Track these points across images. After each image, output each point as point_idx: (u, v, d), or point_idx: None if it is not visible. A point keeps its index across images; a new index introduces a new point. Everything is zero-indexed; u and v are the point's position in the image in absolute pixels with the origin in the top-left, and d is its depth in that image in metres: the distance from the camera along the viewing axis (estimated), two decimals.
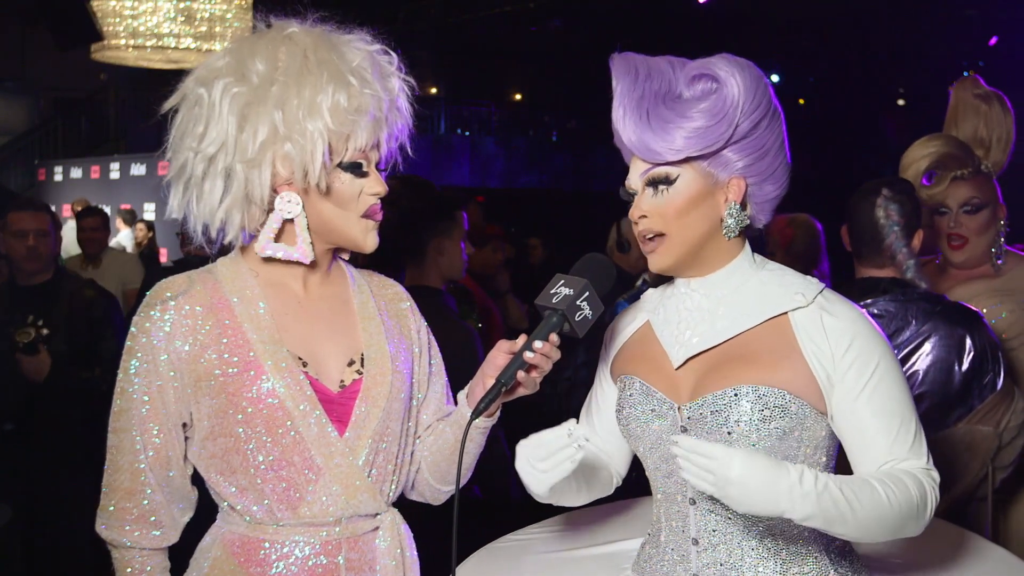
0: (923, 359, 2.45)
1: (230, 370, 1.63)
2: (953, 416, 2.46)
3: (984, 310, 2.84)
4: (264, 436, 1.63)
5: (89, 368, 3.78)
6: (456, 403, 1.82)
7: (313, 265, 1.73)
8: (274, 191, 1.64)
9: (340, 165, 1.65)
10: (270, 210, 1.66)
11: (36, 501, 3.92)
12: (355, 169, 1.66)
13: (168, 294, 1.66)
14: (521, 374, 1.62)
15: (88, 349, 3.83)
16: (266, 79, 1.61)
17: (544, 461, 1.58)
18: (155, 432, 1.66)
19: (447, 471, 1.82)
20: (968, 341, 2.45)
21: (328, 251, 1.74)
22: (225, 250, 1.74)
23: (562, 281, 1.60)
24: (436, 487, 1.85)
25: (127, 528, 1.68)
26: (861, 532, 1.52)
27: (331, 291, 1.78)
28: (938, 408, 2.45)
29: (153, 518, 1.68)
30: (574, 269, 1.65)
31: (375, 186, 1.69)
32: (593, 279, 1.61)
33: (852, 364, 1.59)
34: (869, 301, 2.49)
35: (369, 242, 1.71)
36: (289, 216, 1.65)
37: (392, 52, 1.73)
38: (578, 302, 1.57)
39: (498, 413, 1.77)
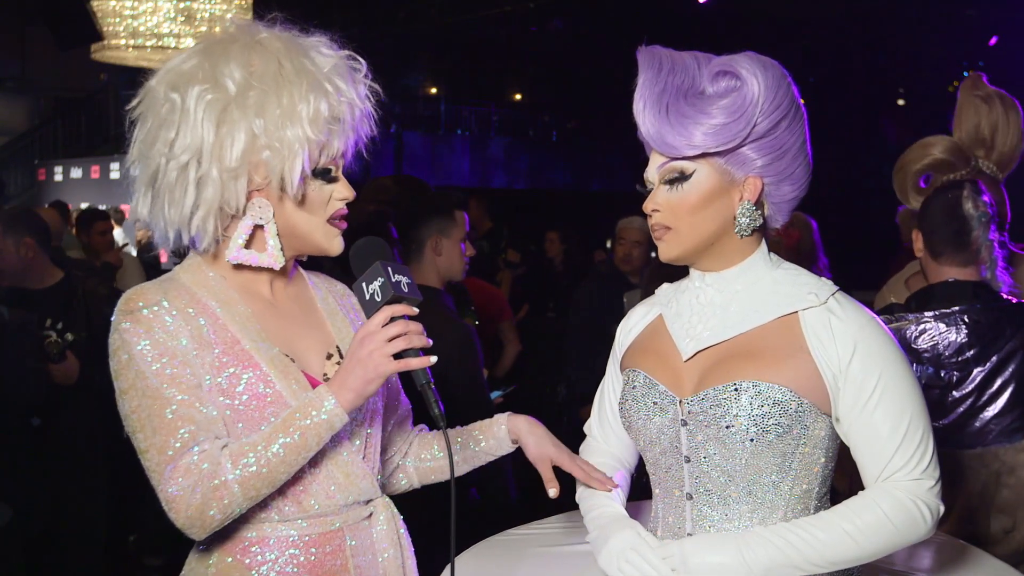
0: (1019, 364, 2.43)
1: (225, 371, 1.63)
2: None
3: None
4: None
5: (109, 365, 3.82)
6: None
7: (281, 270, 1.74)
8: (246, 197, 1.64)
9: (313, 172, 1.66)
10: (237, 215, 1.66)
11: (51, 499, 3.94)
12: (325, 175, 1.68)
13: (140, 303, 1.62)
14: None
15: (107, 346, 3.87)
16: (243, 86, 1.61)
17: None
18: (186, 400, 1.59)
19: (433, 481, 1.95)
20: None
21: (293, 256, 1.76)
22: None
23: (364, 284, 1.62)
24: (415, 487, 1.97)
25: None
26: (831, 565, 1.57)
27: (296, 292, 1.81)
28: None
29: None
30: (357, 267, 1.65)
31: (344, 191, 1.71)
32: (377, 257, 1.63)
33: (857, 371, 1.59)
34: (958, 308, 2.45)
35: (335, 246, 1.73)
36: (261, 223, 1.66)
37: (359, 57, 1.73)
38: (392, 280, 1.59)
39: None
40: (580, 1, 14.50)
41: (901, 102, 16.15)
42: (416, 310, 1.61)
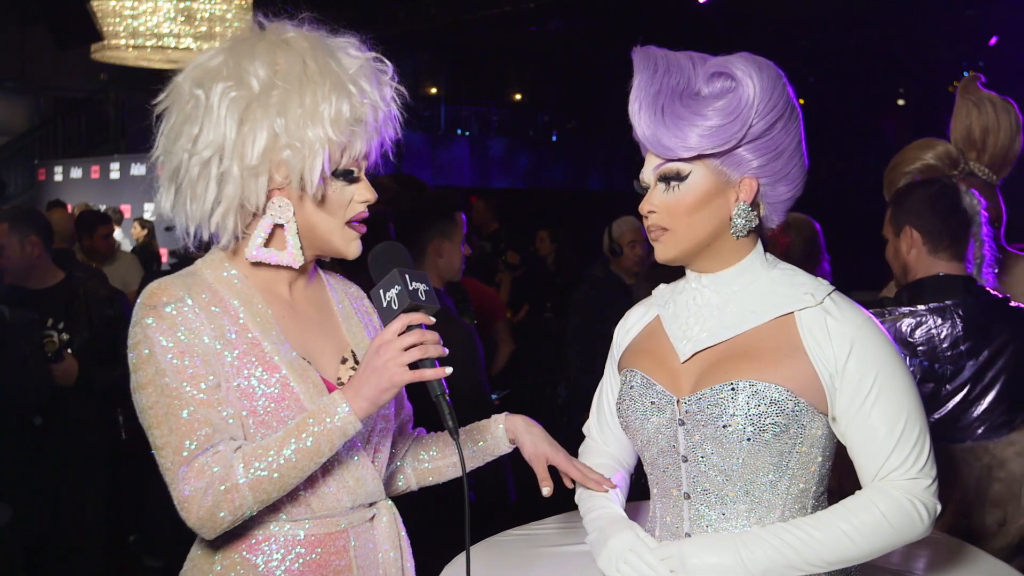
0: (1008, 359, 2.45)
1: (245, 372, 1.63)
2: None
3: None
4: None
5: (111, 366, 3.83)
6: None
7: (301, 270, 1.74)
8: (266, 196, 1.65)
9: (334, 173, 1.66)
10: (259, 213, 1.66)
11: (52, 499, 3.94)
12: (347, 176, 1.68)
13: (164, 299, 1.62)
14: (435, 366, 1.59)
15: (108, 347, 3.88)
16: (267, 84, 1.61)
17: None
18: (204, 399, 1.59)
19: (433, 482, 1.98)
20: None
21: (313, 256, 1.76)
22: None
23: (381, 291, 1.60)
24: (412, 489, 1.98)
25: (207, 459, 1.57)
26: (829, 565, 1.57)
27: (314, 294, 1.81)
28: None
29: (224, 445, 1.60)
30: (376, 273, 1.63)
31: (365, 193, 1.70)
32: (396, 263, 1.62)
33: (853, 370, 1.59)
34: (951, 301, 2.46)
35: (352, 250, 1.72)
36: (280, 221, 1.66)
37: (386, 60, 1.73)
38: (409, 288, 1.58)
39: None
40: (580, 1, 14.50)
41: (901, 102, 16.16)
42: (433, 319, 1.59)
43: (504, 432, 1.89)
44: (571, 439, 1.98)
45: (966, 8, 12.45)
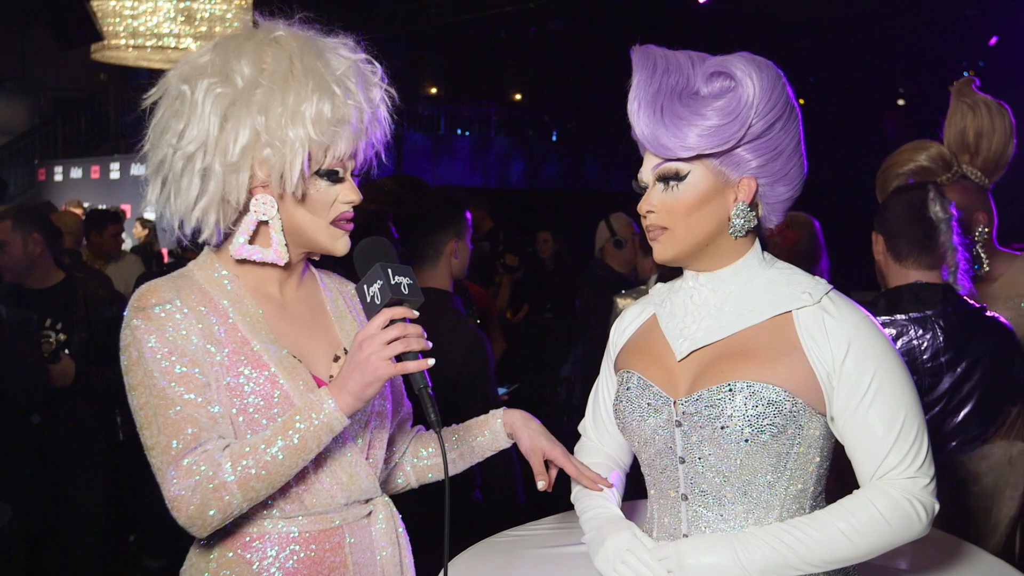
0: (984, 371, 2.45)
1: (234, 372, 1.64)
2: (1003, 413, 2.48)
3: None
4: None
5: (110, 367, 3.83)
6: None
7: (290, 268, 1.75)
8: (249, 193, 1.66)
9: (317, 173, 1.67)
10: (244, 211, 1.67)
11: (51, 498, 3.94)
12: (331, 176, 1.68)
13: (153, 300, 1.64)
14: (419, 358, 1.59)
15: (107, 348, 3.88)
16: (251, 82, 1.62)
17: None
18: (199, 402, 1.60)
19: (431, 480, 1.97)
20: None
21: (302, 255, 1.76)
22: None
23: (365, 286, 1.61)
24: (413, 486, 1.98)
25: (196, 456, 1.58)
26: (827, 564, 1.57)
27: (305, 293, 1.81)
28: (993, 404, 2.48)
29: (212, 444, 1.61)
30: (360, 268, 1.63)
31: (349, 194, 1.71)
32: (379, 258, 1.62)
33: (851, 369, 1.59)
34: (931, 312, 2.45)
35: (339, 246, 1.73)
36: (264, 219, 1.67)
37: (375, 61, 1.73)
38: (392, 282, 1.58)
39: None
40: (580, 1, 14.50)
41: (901, 102, 16.15)
42: (416, 313, 1.60)
43: (502, 426, 1.89)
44: (571, 439, 1.98)
45: (966, 8, 12.46)
